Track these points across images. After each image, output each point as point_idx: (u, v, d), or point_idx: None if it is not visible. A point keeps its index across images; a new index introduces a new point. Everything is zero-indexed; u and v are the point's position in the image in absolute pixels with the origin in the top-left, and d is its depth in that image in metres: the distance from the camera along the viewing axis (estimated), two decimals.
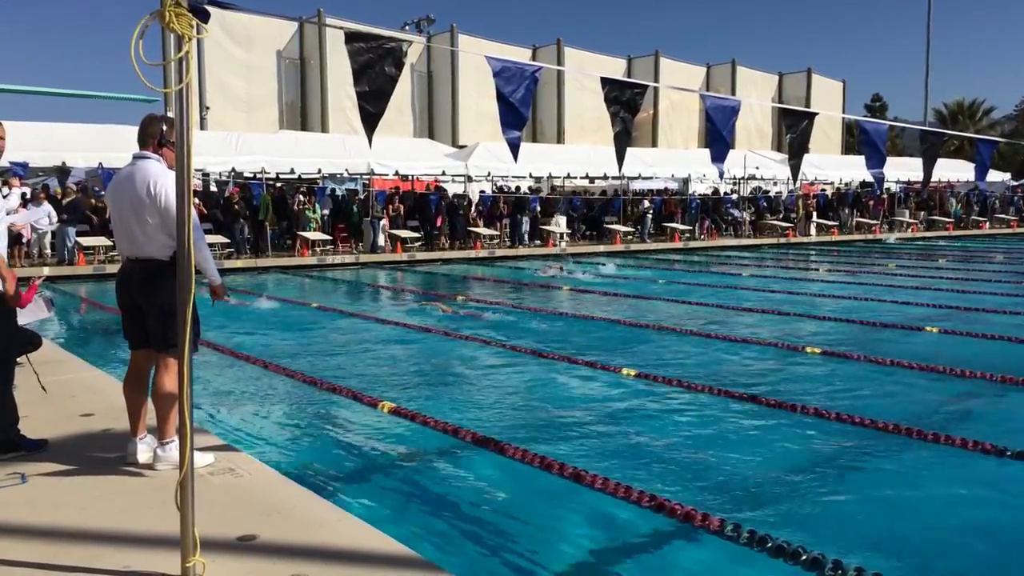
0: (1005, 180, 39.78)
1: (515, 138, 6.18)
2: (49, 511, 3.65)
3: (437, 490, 4.97)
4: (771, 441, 5.87)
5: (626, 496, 4.42)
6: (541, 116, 37.78)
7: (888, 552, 4.07)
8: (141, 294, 4.18)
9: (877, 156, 7.81)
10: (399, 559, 3.20)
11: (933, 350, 8.88)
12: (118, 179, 4.34)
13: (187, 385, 2.98)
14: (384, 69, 5.18)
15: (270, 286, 16.17)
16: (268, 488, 4.00)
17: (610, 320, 11.12)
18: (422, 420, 5.98)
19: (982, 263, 20.40)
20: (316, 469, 5.24)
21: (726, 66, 43.55)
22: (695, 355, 8.99)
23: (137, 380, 4.37)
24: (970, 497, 4.91)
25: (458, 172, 25.15)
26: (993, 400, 7.04)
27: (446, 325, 10.81)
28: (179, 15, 2.78)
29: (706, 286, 15.47)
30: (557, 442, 5.81)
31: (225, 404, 6.86)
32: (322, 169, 23.17)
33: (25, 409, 4.64)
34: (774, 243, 27.57)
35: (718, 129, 7.25)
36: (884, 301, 12.70)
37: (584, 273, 18.16)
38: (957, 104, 58.31)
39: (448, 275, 18.59)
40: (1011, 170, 44.04)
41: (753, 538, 3.85)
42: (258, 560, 3.16)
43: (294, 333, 10.48)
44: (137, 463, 4.22)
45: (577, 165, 27.86)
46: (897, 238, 30.26)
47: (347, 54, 5.11)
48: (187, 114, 2.89)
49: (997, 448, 5.21)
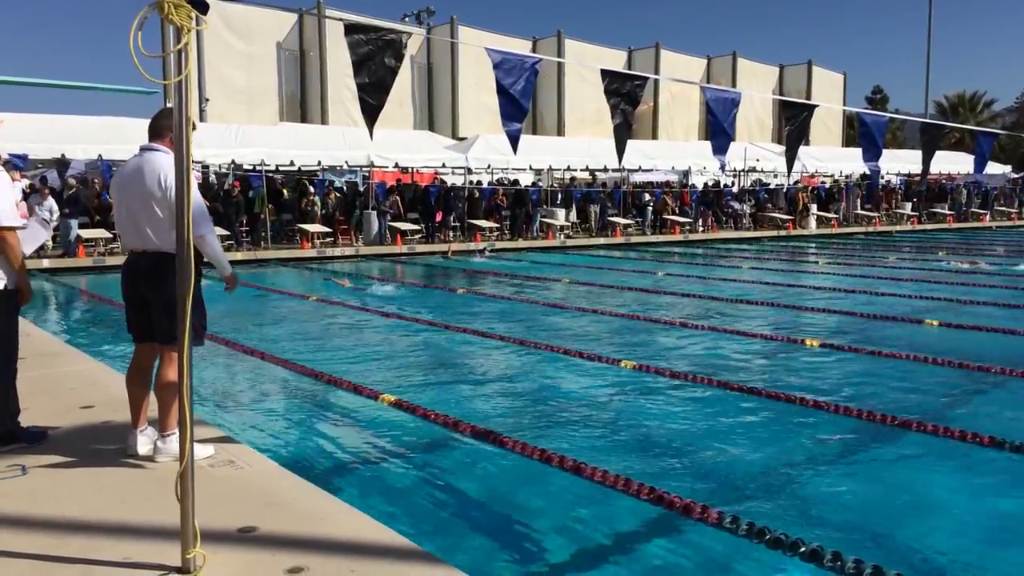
0: (1006, 172, 39.78)
1: (515, 130, 6.18)
2: (49, 502, 3.65)
3: (437, 482, 4.98)
4: (770, 433, 5.88)
5: (625, 488, 4.43)
6: (541, 108, 37.71)
7: (887, 543, 4.08)
8: (148, 287, 4.14)
9: (874, 149, 7.80)
10: (399, 551, 3.21)
11: (934, 342, 8.88)
12: (125, 171, 4.30)
13: (187, 377, 2.98)
14: (384, 61, 5.18)
15: (254, 278, 16.17)
16: (268, 480, 4.01)
17: (589, 311, 11.14)
18: (422, 413, 5.99)
19: (985, 255, 20.39)
20: (316, 461, 5.25)
21: (727, 58, 43.45)
22: (694, 347, 8.99)
23: (140, 373, 4.36)
24: (969, 488, 4.92)
25: (458, 164, 25.12)
26: (989, 390, 7.06)
27: (431, 316, 10.83)
28: (178, 6, 2.77)
29: (706, 279, 15.47)
30: (556, 433, 5.82)
31: (225, 396, 6.87)
32: (322, 161, 23.15)
33: (25, 401, 4.64)
34: (774, 235, 27.56)
35: (719, 121, 7.25)
36: (883, 294, 12.70)
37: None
38: (958, 96, 58.21)
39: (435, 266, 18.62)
40: (1012, 163, 44.02)
41: (752, 530, 3.86)
42: (258, 552, 3.16)
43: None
44: (137, 455, 4.23)
45: (577, 157, 27.81)
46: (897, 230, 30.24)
47: (347, 46, 5.10)
48: (186, 106, 2.89)
49: (996, 440, 5.22)
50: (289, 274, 17.36)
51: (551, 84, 37.25)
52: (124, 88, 25.66)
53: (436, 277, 16.67)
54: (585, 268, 17.79)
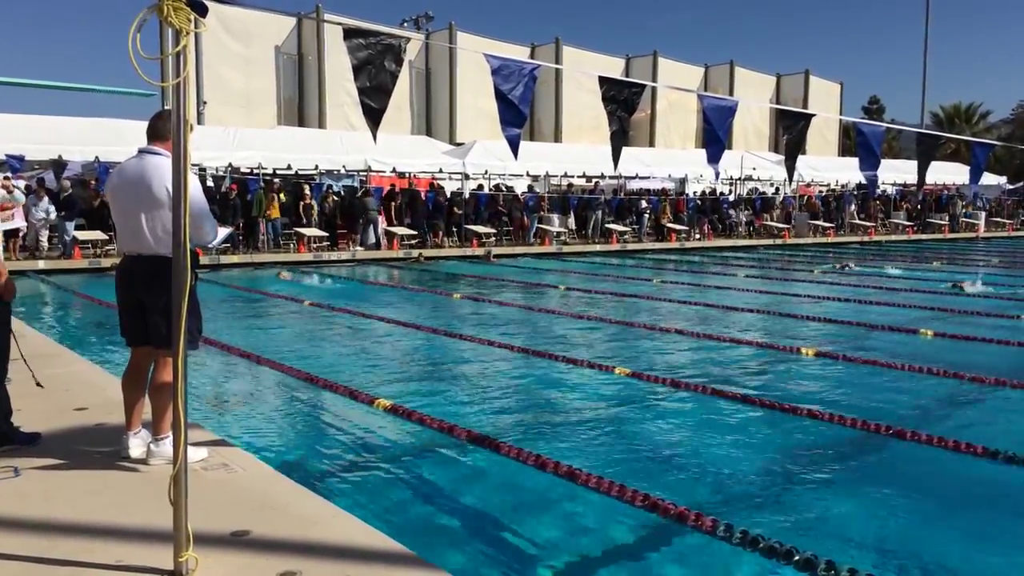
0: (1001, 183, 39.94)
1: (514, 135, 6.18)
2: (41, 504, 3.64)
3: (431, 487, 4.97)
4: (764, 441, 5.88)
5: (620, 495, 4.43)
6: (539, 115, 37.80)
7: (880, 553, 4.08)
8: (145, 291, 4.10)
9: (871, 159, 7.82)
10: (392, 556, 3.20)
11: (927, 352, 8.90)
12: (123, 174, 4.22)
13: (181, 379, 2.97)
14: (384, 64, 5.19)
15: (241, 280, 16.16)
16: (262, 484, 4.00)
17: (594, 319, 11.13)
18: (418, 418, 5.98)
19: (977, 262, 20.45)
20: (310, 465, 5.23)
21: (724, 67, 43.61)
22: (688, 354, 9.00)
23: (136, 377, 4.33)
24: (961, 497, 4.92)
25: (455, 170, 25.15)
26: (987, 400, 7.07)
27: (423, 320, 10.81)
28: (177, 9, 2.77)
29: (701, 286, 15.48)
30: (551, 439, 5.81)
31: (218, 399, 6.86)
32: (319, 165, 23.14)
33: (18, 402, 4.63)
34: (769, 244, 27.60)
35: (714, 130, 7.25)
36: (876, 303, 12.72)
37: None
38: (954, 107, 58.46)
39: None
40: (1007, 174, 44.21)
41: (746, 538, 3.86)
42: (251, 556, 3.15)
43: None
44: (130, 458, 4.21)
45: (574, 164, 27.85)
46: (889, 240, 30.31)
47: (346, 50, 5.10)
48: (184, 109, 2.89)
49: (989, 451, 5.23)
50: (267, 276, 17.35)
51: (549, 91, 37.35)
52: (122, 90, 25.64)
53: (433, 282, 16.66)
54: (580, 274, 17.80)
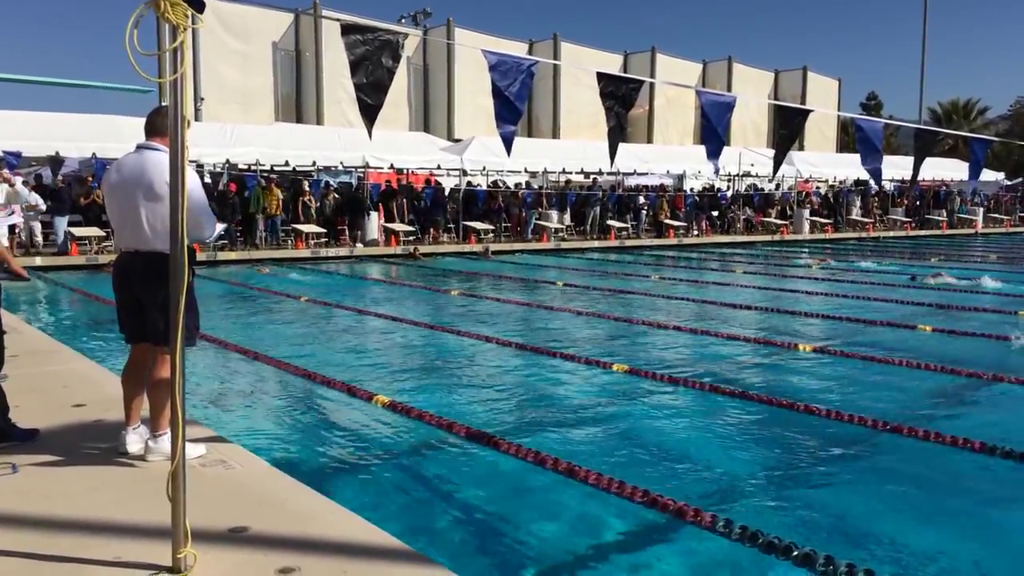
0: (999, 179, 39.96)
1: (509, 132, 6.15)
2: (40, 501, 3.63)
3: (429, 483, 4.97)
4: (763, 437, 5.89)
5: (619, 491, 4.43)
6: (537, 111, 37.77)
7: (879, 548, 4.09)
8: (143, 288, 4.07)
9: (874, 153, 7.80)
10: (390, 551, 3.20)
11: (925, 347, 8.91)
12: (121, 170, 4.18)
13: (179, 375, 2.97)
14: (382, 61, 5.16)
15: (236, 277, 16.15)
16: (260, 480, 4.00)
17: (589, 314, 11.13)
18: (416, 414, 5.98)
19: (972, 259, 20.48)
20: (308, 461, 5.23)
21: (722, 63, 43.58)
22: (686, 351, 9.01)
23: (136, 373, 4.31)
24: (959, 493, 4.93)
25: (453, 166, 25.12)
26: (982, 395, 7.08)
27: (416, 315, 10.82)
28: (174, 5, 2.76)
29: (699, 282, 15.49)
30: (549, 435, 5.81)
31: (217, 396, 6.85)
32: (317, 162, 23.10)
33: (16, 399, 4.62)
34: (767, 240, 27.62)
35: (712, 126, 7.23)
36: (875, 299, 12.73)
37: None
38: (952, 103, 58.43)
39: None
40: (1005, 170, 44.21)
41: (745, 534, 3.87)
42: (249, 552, 3.15)
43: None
44: (128, 454, 4.21)
45: (572, 160, 27.83)
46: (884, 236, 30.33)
47: (343, 46, 5.08)
48: (182, 105, 2.88)
49: (987, 446, 5.24)
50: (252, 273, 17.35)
51: (547, 87, 37.29)
52: (119, 86, 25.56)
53: (431, 278, 16.66)
54: (578, 271, 17.80)
